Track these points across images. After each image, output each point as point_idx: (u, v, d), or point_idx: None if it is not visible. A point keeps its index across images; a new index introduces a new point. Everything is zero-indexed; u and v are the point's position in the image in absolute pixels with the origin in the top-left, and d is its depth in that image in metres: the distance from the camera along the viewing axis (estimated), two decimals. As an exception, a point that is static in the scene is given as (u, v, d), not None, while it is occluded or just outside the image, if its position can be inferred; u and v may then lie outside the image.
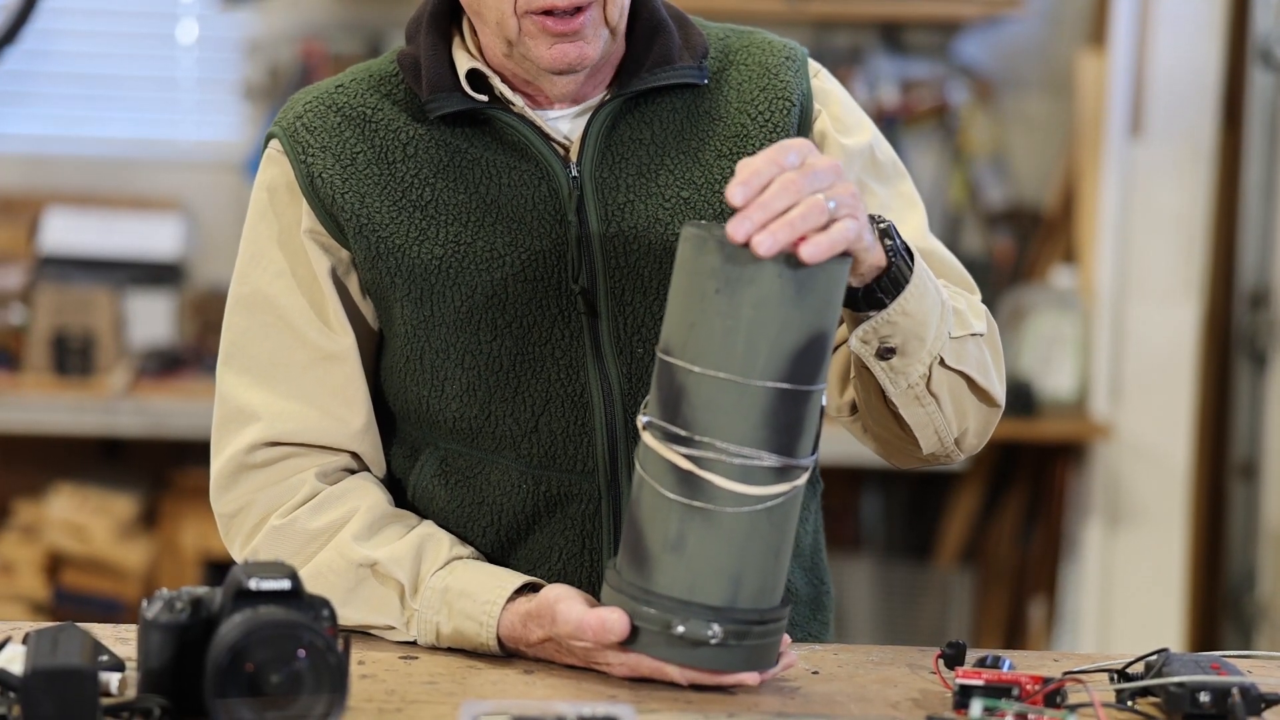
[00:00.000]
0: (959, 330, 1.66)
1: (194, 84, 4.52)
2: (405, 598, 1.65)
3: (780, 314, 1.42)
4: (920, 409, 1.67)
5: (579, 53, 1.67)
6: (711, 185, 1.73)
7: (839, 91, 1.82)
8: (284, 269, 1.75)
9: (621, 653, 1.52)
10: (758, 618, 1.48)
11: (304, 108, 1.76)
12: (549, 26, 1.65)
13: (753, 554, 1.46)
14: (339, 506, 1.70)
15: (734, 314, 1.42)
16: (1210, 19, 4.13)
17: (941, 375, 1.65)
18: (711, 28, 1.82)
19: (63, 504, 4.17)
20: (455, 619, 1.62)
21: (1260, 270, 4.19)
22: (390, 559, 1.66)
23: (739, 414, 1.43)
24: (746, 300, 1.41)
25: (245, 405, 1.74)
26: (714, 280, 1.42)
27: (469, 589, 1.63)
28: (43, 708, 1.33)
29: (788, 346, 1.43)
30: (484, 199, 1.71)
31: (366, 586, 1.66)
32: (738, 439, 1.43)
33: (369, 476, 1.75)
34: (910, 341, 1.61)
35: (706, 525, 1.45)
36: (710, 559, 1.46)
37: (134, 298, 4.25)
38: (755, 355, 1.42)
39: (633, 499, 1.50)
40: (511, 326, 1.71)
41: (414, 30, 1.77)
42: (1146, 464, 4.20)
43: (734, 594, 1.46)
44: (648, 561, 1.48)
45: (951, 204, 4.42)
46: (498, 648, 1.60)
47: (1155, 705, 1.51)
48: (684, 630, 1.46)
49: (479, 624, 1.61)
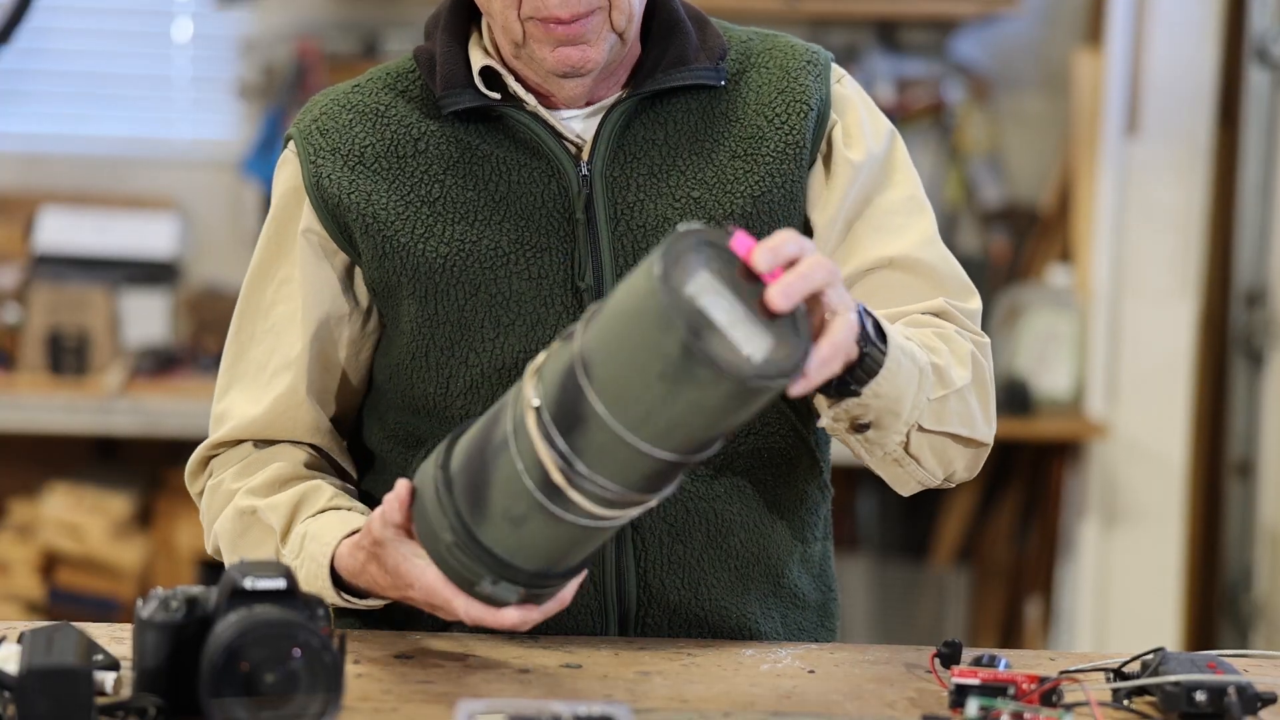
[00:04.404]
0: (939, 390, 1.63)
1: (189, 83, 4.51)
2: (278, 544, 1.70)
3: (709, 418, 1.39)
4: (900, 469, 1.66)
5: (581, 56, 1.67)
6: (723, 185, 1.73)
7: (859, 98, 1.80)
8: (286, 276, 1.78)
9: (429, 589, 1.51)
10: (559, 581, 1.50)
11: (320, 110, 1.78)
12: (552, 30, 1.66)
13: (582, 549, 1.48)
14: (258, 466, 1.75)
15: (668, 401, 1.36)
16: (1206, 18, 4.13)
17: (921, 438, 1.63)
18: (736, 30, 1.81)
19: (58, 503, 4.16)
20: (305, 564, 1.65)
21: (1257, 269, 4.19)
22: (268, 506, 1.71)
23: (628, 468, 1.41)
24: (686, 398, 1.36)
25: (220, 415, 1.79)
26: (664, 365, 1.34)
27: (319, 533, 1.66)
28: (38, 707, 1.33)
29: (700, 437, 1.40)
30: (493, 196, 1.72)
31: (251, 532, 1.72)
32: (617, 481, 1.41)
33: (301, 446, 1.78)
34: (885, 417, 1.58)
35: (552, 522, 1.44)
36: (543, 544, 1.46)
37: (129, 297, 4.24)
38: (668, 436, 1.39)
39: (492, 443, 1.45)
40: (516, 324, 1.71)
41: (432, 26, 1.79)
42: (1143, 463, 4.20)
43: (549, 567, 1.48)
44: (483, 513, 1.45)
45: (947, 203, 4.42)
46: (334, 593, 1.62)
47: (1151, 704, 1.51)
48: (491, 592, 1.48)
49: (318, 564, 1.64)
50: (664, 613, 1.73)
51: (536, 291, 1.71)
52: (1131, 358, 4.19)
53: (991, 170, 4.42)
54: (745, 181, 1.73)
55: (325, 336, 1.77)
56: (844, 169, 1.75)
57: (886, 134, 1.80)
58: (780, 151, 1.74)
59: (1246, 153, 4.17)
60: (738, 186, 1.73)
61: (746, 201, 1.73)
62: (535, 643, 1.66)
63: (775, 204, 1.74)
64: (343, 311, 1.77)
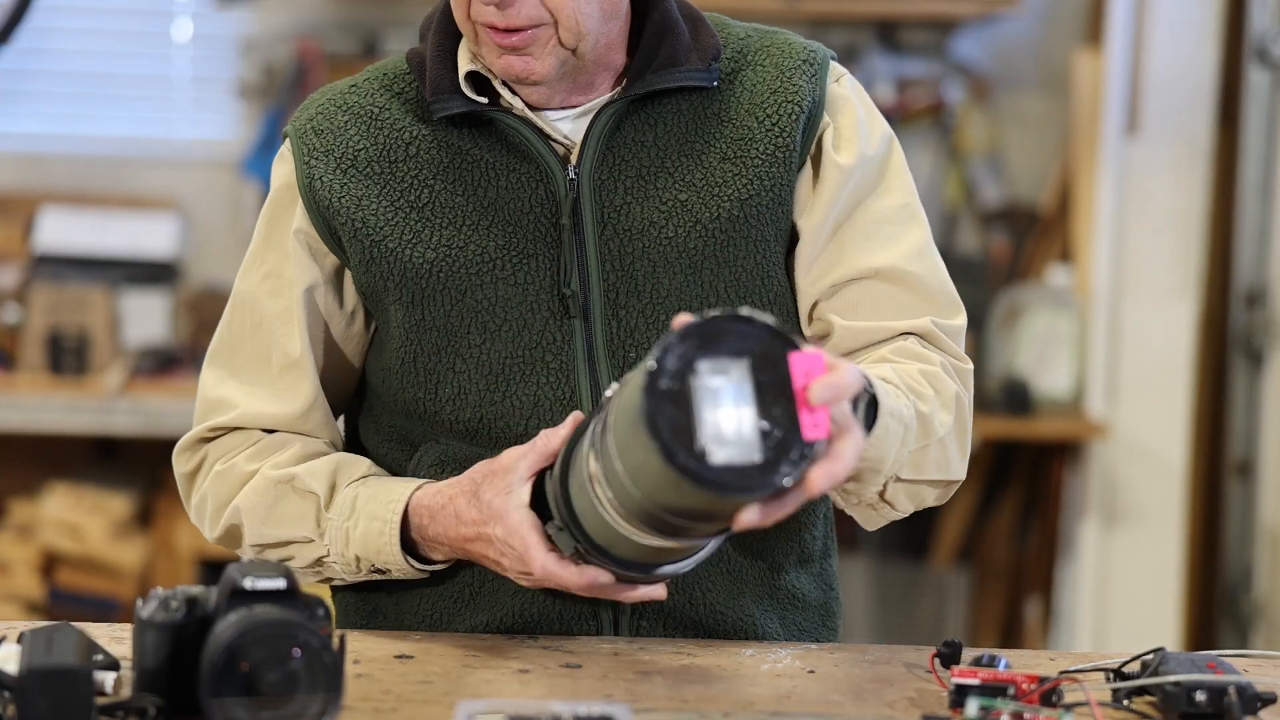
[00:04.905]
0: (922, 440, 1.63)
1: (189, 83, 4.51)
2: (320, 510, 1.69)
3: (695, 555, 1.51)
4: (873, 513, 1.68)
5: (525, 67, 1.66)
6: (710, 189, 1.71)
7: (857, 99, 1.77)
8: (273, 269, 1.77)
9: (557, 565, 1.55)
10: (613, 568, 1.53)
11: (316, 109, 1.77)
12: (494, 38, 1.65)
13: (631, 554, 1.52)
14: (275, 448, 1.75)
15: (634, 480, 1.39)
16: (1206, 17, 4.13)
17: (898, 487, 1.64)
18: (735, 28, 1.79)
19: (58, 503, 4.16)
20: (362, 521, 1.65)
21: (1256, 269, 4.19)
22: (308, 473, 1.71)
23: (616, 543, 1.49)
24: (679, 551, 1.48)
25: (219, 401, 1.78)
26: (634, 445, 1.36)
27: (378, 493, 1.67)
28: (37, 707, 1.33)
29: (672, 522, 1.43)
30: (481, 201, 1.71)
31: (285, 501, 1.71)
32: (614, 553, 1.51)
33: (314, 438, 1.79)
34: (866, 474, 1.59)
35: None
36: (593, 522, 1.49)
37: (129, 296, 4.24)
38: (657, 557, 1.50)
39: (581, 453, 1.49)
40: (502, 330, 1.70)
41: (425, 28, 1.78)
42: (1143, 463, 4.20)
43: (606, 548, 1.51)
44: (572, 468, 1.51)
45: (947, 203, 4.42)
46: (399, 548, 1.64)
47: (1151, 704, 1.51)
48: (555, 535, 1.53)
49: (382, 520, 1.64)
50: (658, 616, 1.72)
51: (523, 298, 1.70)
52: (1131, 358, 4.19)
53: (991, 170, 4.42)
54: (733, 185, 1.71)
55: (319, 335, 1.77)
56: (832, 173, 1.73)
57: (883, 138, 1.77)
58: (769, 155, 1.72)
59: (1246, 153, 4.16)
60: (725, 190, 1.71)
61: (734, 205, 1.71)
62: (535, 643, 1.66)
63: (763, 207, 1.72)
64: (334, 311, 1.77)
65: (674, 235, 1.70)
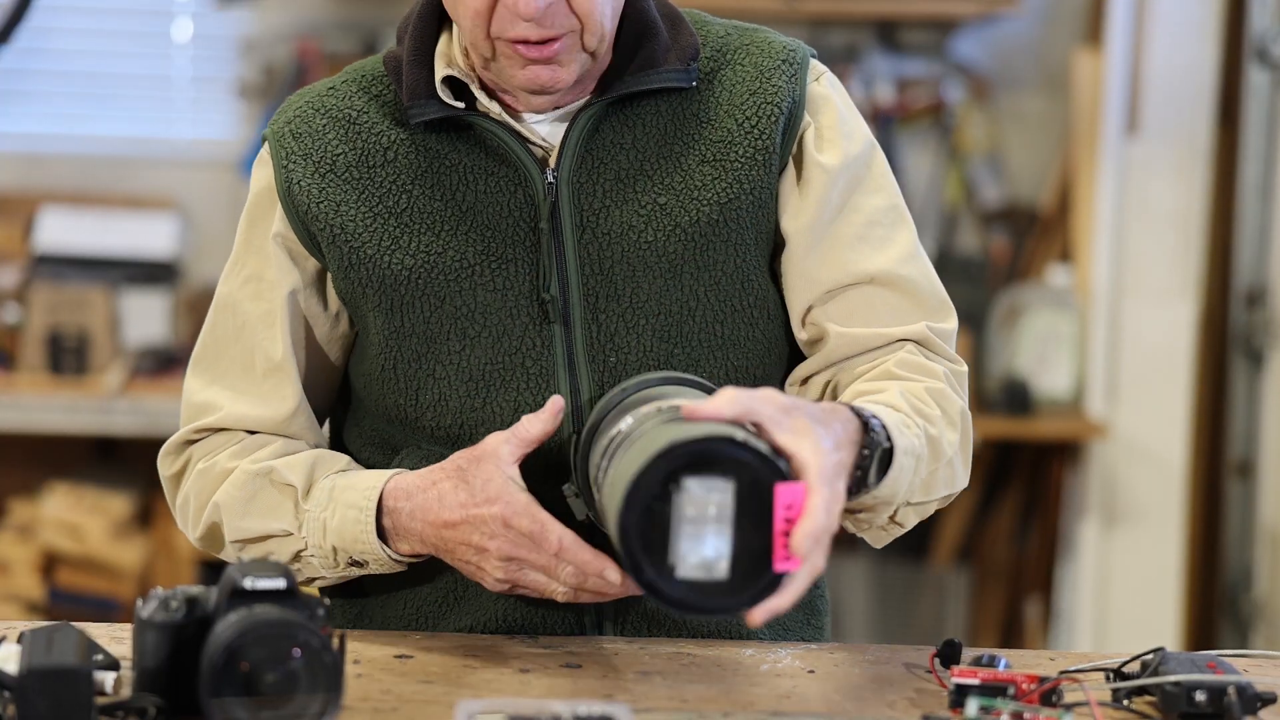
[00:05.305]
0: (932, 465, 1.63)
1: (189, 83, 4.51)
2: (298, 501, 1.69)
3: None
4: (883, 534, 1.68)
5: (552, 76, 1.65)
6: (690, 192, 1.70)
7: (837, 99, 1.76)
8: (254, 273, 1.76)
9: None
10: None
11: (295, 112, 1.76)
12: (522, 52, 1.63)
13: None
14: (259, 445, 1.75)
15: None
16: (1206, 17, 4.13)
17: (908, 509, 1.64)
18: (715, 25, 1.77)
19: (57, 503, 4.16)
20: (339, 510, 1.65)
21: (1256, 269, 4.18)
22: (285, 465, 1.70)
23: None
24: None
25: (204, 405, 1.78)
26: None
27: (354, 482, 1.67)
28: (37, 707, 1.33)
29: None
30: (459, 206, 1.70)
31: (264, 494, 1.70)
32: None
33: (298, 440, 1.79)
34: (879, 506, 1.60)
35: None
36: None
37: (129, 296, 4.24)
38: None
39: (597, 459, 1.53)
40: (481, 337, 1.69)
41: (402, 31, 1.77)
42: (1143, 463, 4.20)
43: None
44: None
45: (947, 203, 4.42)
46: (375, 535, 1.63)
47: (1151, 704, 1.51)
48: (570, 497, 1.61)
49: (358, 509, 1.64)
50: (641, 619, 1.71)
51: (502, 303, 1.69)
52: (1131, 358, 4.19)
53: (991, 170, 4.42)
54: (713, 189, 1.70)
55: (302, 339, 1.76)
56: (816, 174, 1.72)
57: (865, 137, 1.76)
58: (749, 157, 1.70)
59: (1246, 153, 4.16)
60: (705, 194, 1.70)
61: (714, 209, 1.70)
62: (535, 643, 1.66)
63: (743, 211, 1.70)
64: (318, 313, 1.77)
65: (653, 239, 1.69)
